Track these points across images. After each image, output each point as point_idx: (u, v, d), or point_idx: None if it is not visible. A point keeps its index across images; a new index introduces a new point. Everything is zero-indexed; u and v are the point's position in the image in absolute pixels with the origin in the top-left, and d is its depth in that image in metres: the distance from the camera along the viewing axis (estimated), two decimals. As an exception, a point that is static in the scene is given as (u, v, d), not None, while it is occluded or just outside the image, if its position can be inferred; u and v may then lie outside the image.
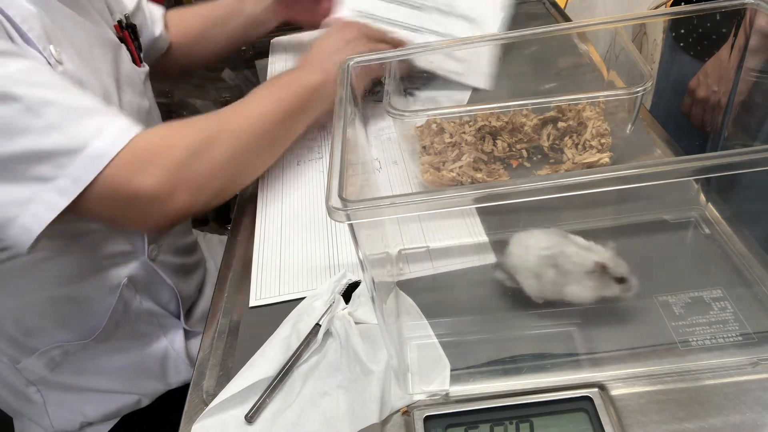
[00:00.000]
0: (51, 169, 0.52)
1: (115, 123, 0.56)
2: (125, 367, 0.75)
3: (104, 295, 0.70)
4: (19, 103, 0.51)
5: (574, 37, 0.80)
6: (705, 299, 0.51)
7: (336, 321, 0.52)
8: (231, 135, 0.63)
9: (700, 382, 0.45)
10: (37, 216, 0.53)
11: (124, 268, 0.71)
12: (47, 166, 0.52)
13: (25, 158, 0.52)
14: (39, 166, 0.52)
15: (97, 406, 0.74)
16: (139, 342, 0.75)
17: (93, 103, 0.56)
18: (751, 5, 0.52)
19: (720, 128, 0.62)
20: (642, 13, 0.71)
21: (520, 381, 0.47)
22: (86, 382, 0.73)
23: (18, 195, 0.52)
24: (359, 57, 0.54)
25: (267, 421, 0.47)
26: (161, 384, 0.78)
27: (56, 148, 0.52)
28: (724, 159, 0.34)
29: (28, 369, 0.70)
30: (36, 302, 0.67)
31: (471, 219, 0.63)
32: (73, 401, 0.74)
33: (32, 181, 0.52)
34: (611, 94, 0.62)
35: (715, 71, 0.86)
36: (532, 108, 0.68)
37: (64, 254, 0.65)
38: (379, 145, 0.76)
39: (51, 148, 0.52)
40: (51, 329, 0.69)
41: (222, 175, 0.63)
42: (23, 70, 0.52)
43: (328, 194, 0.36)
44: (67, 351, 0.71)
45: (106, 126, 0.55)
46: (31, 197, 0.52)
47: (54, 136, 0.52)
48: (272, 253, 0.63)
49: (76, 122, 0.53)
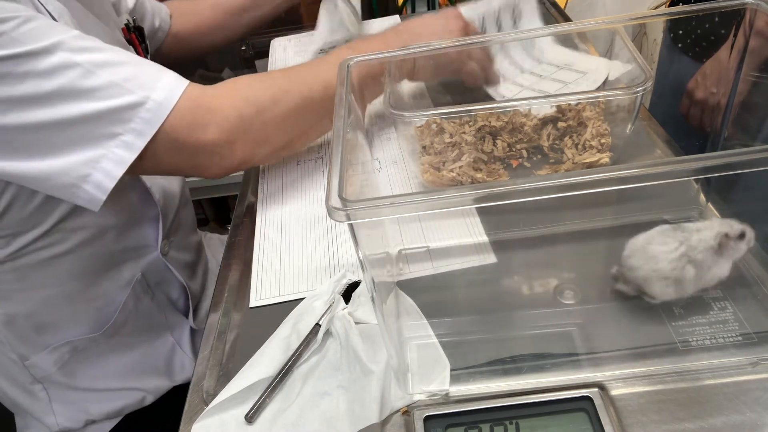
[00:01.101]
0: (115, 125, 0.54)
1: (166, 76, 0.58)
2: (131, 364, 0.75)
3: (118, 291, 0.70)
4: (79, 68, 0.53)
5: (574, 37, 0.80)
6: (705, 299, 0.51)
7: (336, 321, 0.52)
8: (296, 97, 0.64)
9: (700, 382, 0.45)
10: (107, 172, 0.55)
11: (139, 263, 0.72)
12: (111, 124, 0.54)
13: (90, 119, 0.53)
14: (104, 124, 0.54)
15: (102, 404, 0.74)
16: (146, 338, 0.75)
17: (139, 59, 0.58)
18: (751, 5, 0.52)
19: (720, 128, 0.62)
20: (642, 13, 0.71)
21: (520, 381, 0.47)
22: (93, 379, 0.74)
23: (88, 154, 0.54)
24: (359, 57, 0.54)
25: (267, 421, 0.47)
26: (166, 380, 0.78)
27: (118, 105, 0.54)
28: (724, 159, 0.34)
29: (36, 366, 0.71)
30: (50, 298, 0.67)
31: (471, 219, 0.63)
32: (78, 399, 0.74)
33: (99, 140, 0.54)
34: (611, 94, 0.62)
35: (714, 73, 0.86)
36: (532, 108, 0.68)
37: (83, 249, 0.66)
38: (379, 145, 0.76)
39: (113, 106, 0.54)
40: (63, 325, 0.69)
41: (281, 135, 0.65)
42: (74, 37, 0.54)
43: (328, 194, 0.36)
44: (76, 348, 0.71)
45: (159, 78, 0.57)
46: (101, 154, 0.55)
47: (114, 95, 0.54)
48: (272, 253, 0.63)
49: (132, 79, 0.55)
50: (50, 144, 0.54)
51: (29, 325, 0.68)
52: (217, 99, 0.60)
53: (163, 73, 0.58)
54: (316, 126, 0.70)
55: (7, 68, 0.51)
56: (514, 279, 0.59)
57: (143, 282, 0.72)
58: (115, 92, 0.54)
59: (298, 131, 0.68)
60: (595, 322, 0.51)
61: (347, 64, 0.53)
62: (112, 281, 0.70)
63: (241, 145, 0.61)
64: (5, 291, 0.66)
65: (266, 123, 0.63)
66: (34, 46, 0.51)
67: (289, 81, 0.66)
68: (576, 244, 0.60)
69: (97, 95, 0.53)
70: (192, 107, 0.58)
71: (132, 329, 0.73)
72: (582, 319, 0.51)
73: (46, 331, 0.69)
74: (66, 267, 0.66)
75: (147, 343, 0.76)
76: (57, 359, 0.71)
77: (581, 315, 0.52)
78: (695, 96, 0.88)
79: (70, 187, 0.55)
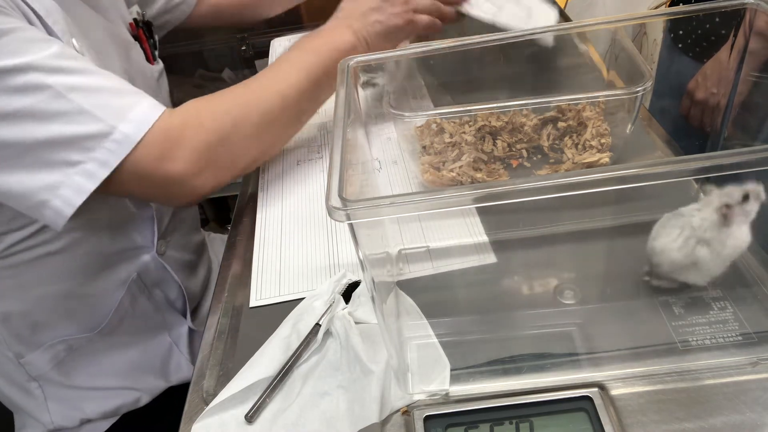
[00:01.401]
0: (79, 153, 0.53)
1: (139, 105, 0.56)
2: (127, 363, 0.75)
3: (113, 290, 0.70)
4: (49, 90, 0.52)
5: (574, 37, 0.80)
6: (705, 299, 0.51)
7: (336, 321, 0.52)
8: (259, 113, 0.63)
9: (700, 381, 0.45)
10: (66, 199, 0.54)
11: (134, 263, 0.71)
12: (75, 151, 0.53)
13: (54, 143, 0.53)
14: (67, 150, 0.53)
15: (97, 404, 0.74)
16: (142, 338, 0.75)
17: (118, 84, 0.57)
18: (751, 5, 0.52)
19: (720, 128, 0.62)
20: (642, 13, 0.71)
21: (520, 381, 0.47)
22: (88, 378, 0.74)
23: (48, 180, 0.54)
24: (359, 57, 0.54)
25: (267, 420, 0.47)
26: (162, 380, 0.78)
27: (83, 133, 0.53)
28: (724, 159, 0.34)
29: (31, 364, 0.71)
30: (45, 297, 0.67)
31: (471, 219, 0.63)
32: (73, 397, 0.74)
33: (61, 166, 0.53)
34: (611, 94, 0.62)
35: (714, 73, 0.86)
36: (532, 108, 0.68)
37: (76, 248, 0.66)
38: (379, 145, 0.76)
39: (79, 133, 0.53)
40: (58, 324, 0.69)
41: (248, 154, 0.64)
42: (52, 56, 0.53)
43: (328, 194, 0.36)
44: (71, 346, 0.71)
45: (131, 108, 0.56)
46: (61, 181, 0.54)
47: (81, 121, 0.53)
48: (272, 253, 0.63)
49: (102, 106, 0.54)
50: (11, 163, 0.53)
51: (24, 323, 0.68)
52: (183, 129, 0.59)
53: (138, 102, 0.57)
54: (283, 134, 0.70)
55: None
56: (514, 279, 0.59)
57: (139, 282, 0.72)
58: (82, 119, 0.53)
59: (266, 145, 0.67)
60: (595, 322, 0.51)
61: (347, 64, 0.53)
62: (107, 280, 0.69)
63: (211, 173, 0.61)
64: (3, 288, 0.66)
65: (232, 148, 0.62)
66: (6, 62, 0.50)
67: (262, 91, 0.65)
68: (576, 244, 0.60)
69: (63, 120, 0.52)
70: (159, 140, 0.56)
71: (128, 329, 0.73)
72: (582, 319, 0.51)
73: (41, 329, 0.69)
74: (60, 265, 0.66)
75: (143, 343, 0.76)
76: (52, 357, 0.70)
77: (581, 315, 0.52)
78: (696, 96, 0.88)
79: (33, 207, 0.55)
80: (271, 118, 0.64)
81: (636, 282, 0.54)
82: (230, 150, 0.62)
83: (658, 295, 0.51)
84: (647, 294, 0.52)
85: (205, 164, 0.59)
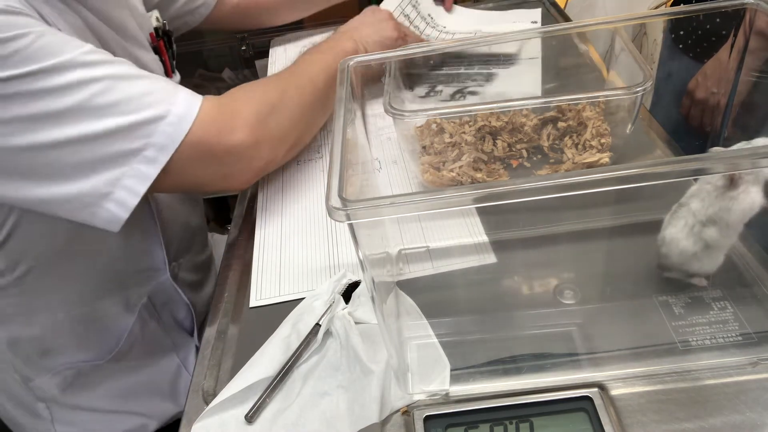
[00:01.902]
0: (137, 141, 0.53)
1: (182, 90, 0.57)
2: (135, 386, 0.74)
3: (123, 315, 0.69)
4: (97, 83, 0.51)
5: (574, 37, 0.80)
6: (705, 299, 0.51)
7: (336, 321, 0.52)
8: (297, 92, 0.66)
9: (700, 382, 0.45)
10: (130, 188, 0.54)
11: (145, 287, 0.71)
12: (133, 139, 0.53)
13: (111, 135, 0.52)
14: (125, 140, 0.53)
15: (105, 426, 0.73)
16: (151, 361, 0.74)
17: (153, 75, 0.57)
18: (751, 5, 0.52)
19: (720, 128, 0.62)
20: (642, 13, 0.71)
21: (520, 381, 0.47)
22: (96, 401, 0.72)
23: (110, 172, 0.53)
24: (359, 57, 0.54)
25: (267, 421, 0.47)
26: (170, 403, 0.77)
27: (139, 120, 0.53)
28: (724, 159, 0.34)
29: (39, 387, 0.70)
30: (56, 323, 0.66)
31: (471, 219, 0.63)
32: (81, 420, 0.73)
33: (121, 156, 0.53)
34: (611, 94, 0.62)
35: (715, 73, 0.86)
36: (532, 108, 0.68)
37: (86, 273, 0.65)
38: (379, 145, 0.76)
39: (134, 121, 0.53)
40: (67, 350, 0.68)
41: (295, 128, 0.67)
42: (89, 51, 0.52)
43: (328, 194, 0.36)
44: (80, 371, 0.70)
45: (176, 92, 0.56)
46: (123, 172, 0.53)
47: (134, 109, 0.53)
48: (272, 254, 0.63)
49: (151, 92, 0.54)
50: (69, 165, 0.52)
51: (34, 348, 0.67)
52: (235, 103, 0.61)
53: (179, 88, 0.58)
54: (320, 115, 0.73)
55: (23, 87, 0.48)
56: (514, 279, 0.59)
57: (149, 305, 0.71)
58: (134, 107, 0.53)
59: (305, 124, 0.70)
60: (595, 322, 0.51)
61: (347, 64, 0.53)
62: (116, 305, 0.69)
63: (266, 145, 0.62)
64: (10, 314, 0.65)
65: (280, 119, 0.64)
66: (50, 62, 0.49)
67: (295, 77, 0.68)
68: (576, 244, 0.60)
69: (117, 111, 0.52)
70: (213, 115, 0.57)
71: (137, 353, 0.73)
72: (582, 319, 0.51)
73: (50, 355, 0.68)
74: (71, 291, 0.65)
75: (152, 365, 0.75)
76: (60, 382, 0.69)
77: (581, 315, 0.52)
78: (696, 96, 0.88)
79: (89, 208, 0.54)
80: (308, 98, 0.68)
81: (636, 282, 0.54)
82: (279, 122, 0.64)
83: (659, 294, 0.51)
84: (647, 294, 0.52)
85: (261, 134, 0.61)
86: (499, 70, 0.83)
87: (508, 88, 0.82)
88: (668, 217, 0.50)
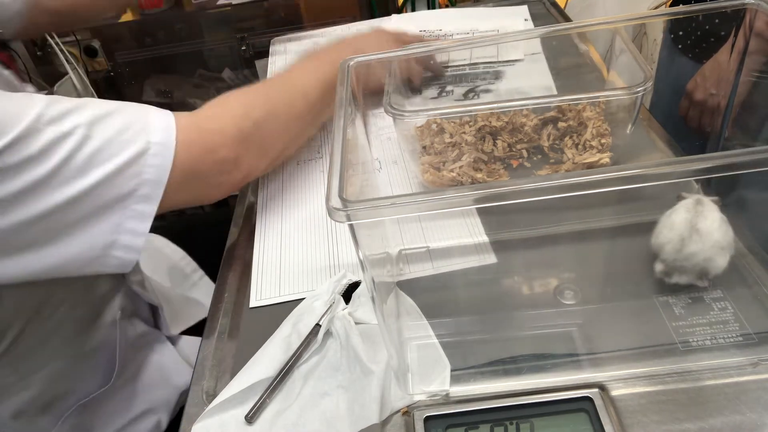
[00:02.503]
0: (129, 182, 0.51)
1: (149, 113, 0.55)
2: (134, 389, 0.73)
3: (109, 335, 0.69)
4: (72, 136, 0.49)
5: (574, 37, 0.80)
6: (705, 299, 0.51)
7: (336, 321, 0.52)
8: (286, 107, 0.66)
9: (701, 382, 0.45)
10: (133, 231, 0.53)
11: (116, 301, 0.70)
12: (125, 181, 0.51)
13: (104, 184, 0.50)
14: (118, 185, 0.51)
15: None
16: (141, 362, 0.74)
17: (114, 104, 0.55)
18: (751, 5, 0.52)
19: (720, 129, 0.62)
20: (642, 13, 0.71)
21: (520, 381, 0.47)
22: (107, 420, 0.71)
23: (109, 219, 0.51)
24: (360, 57, 0.54)
25: (267, 421, 0.47)
26: (169, 389, 0.76)
27: (124, 161, 0.51)
28: (724, 159, 0.34)
29: None
30: (52, 373, 0.64)
31: (471, 219, 0.63)
32: None
33: (117, 202, 0.51)
34: (611, 94, 0.62)
35: (714, 74, 0.86)
36: (532, 108, 0.68)
37: (72, 312, 0.64)
38: (379, 145, 0.76)
39: (120, 163, 0.51)
40: (69, 393, 0.67)
41: (278, 143, 0.67)
42: (49, 103, 0.50)
43: (329, 194, 0.36)
44: (86, 406, 0.68)
45: (146, 117, 0.54)
46: (122, 215, 0.52)
47: (117, 152, 0.51)
48: (272, 254, 0.63)
49: (124, 128, 0.52)
50: (68, 224, 0.50)
51: (36, 408, 0.65)
52: (214, 121, 0.59)
53: (146, 111, 0.55)
54: (310, 127, 0.73)
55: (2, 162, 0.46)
56: (515, 279, 0.59)
57: (123, 316, 0.71)
58: (116, 150, 0.51)
59: (292, 135, 0.69)
60: (595, 323, 0.51)
61: (347, 64, 0.53)
62: (103, 329, 0.68)
63: (246, 160, 0.61)
64: (7, 385, 0.62)
65: (264, 136, 0.63)
66: (19, 128, 0.46)
67: (287, 88, 0.68)
68: (576, 244, 0.60)
69: (100, 159, 0.50)
70: (193, 137, 0.56)
71: (131, 364, 0.72)
72: (582, 319, 0.51)
73: (53, 406, 0.66)
74: (61, 337, 0.63)
75: (143, 365, 0.74)
76: (69, 425, 0.67)
77: (581, 315, 0.52)
78: (694, 97, 0.88)
79: (98, 260, 0.52)
80: (297, 113, 0.67)
81: (636, 282, 0.54)
82: (263, 138, 0.63)
83: (659, 294, 0.51)
84: (647, 294, 0.52)
85: (241, 149, 0.60)
86: (504, 68, 0.83)
87: (520, 83, 0.82)
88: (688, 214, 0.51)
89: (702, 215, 0.50)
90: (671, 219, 0.51)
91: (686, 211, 0.50)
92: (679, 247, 0.50)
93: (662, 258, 0.51)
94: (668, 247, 0.50)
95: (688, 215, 0.50)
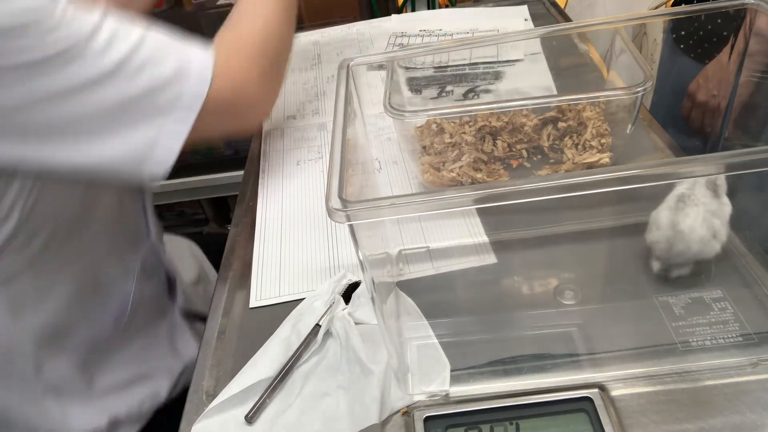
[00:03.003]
0: (168, 99, 0.54)
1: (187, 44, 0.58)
2: (140, 349, 0.74)
3: (124, 282, 0.71)
4: (126, 39, 0.52)
5: (574, 37, 0.80)
6: (705, 299, 0.51)
7: (336, 321, 0.52)
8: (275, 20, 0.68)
9: (700, 382, 0.45)
10: (168, 148, 0.55)
11: (138, 252, 0.72)
12: (164, 97, 0.54)
13: (144, 95, 0.53)
14: (157, 99, 0.54)
15: (122, 401, 0.73)
16: (150, 324, 0.76)
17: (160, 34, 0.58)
18: (752, 5, 0.52)
19: (720, 129, 0.62)
20: (642, 13, 0.71)
21: (520, 381, 0.47)
22: (110, 373, 0.72)
23: (150, 128, 0.54)
24: (360, 57, 0.54)
25: (267, 421, 0.47)
26: (174, 359, 0.77)
27: (167, 76, 0.54)
28: (724, 159, 0.34)
29: (53, 372, 0.69)
30: (66, 300, 0.66)
31: (471, 219, 0.63)
32: (96, 398, 0.72)
33: (157, 111, 0.54)
34: (611, 94, 0.62)
35: (715, 75, 0.86)
36: (532, 108, 0.68)
37: (92, 243, 0.66)
38: (379, 145, 0.76)
39: (164, 77, 0.54)
40: (79, 327, 0.68)
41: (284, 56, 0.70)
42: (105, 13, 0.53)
43: (328, 195, 0.36)
44: (93, 347, 0.70)
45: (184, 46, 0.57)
46: (160, 129, 0.55)
47: (164, 62, 0.54)
48: (272, 254, 0.63)
49: (167, 47, 0.55)
50: (114, 121, 0.53)
51: (47, 333, 0.67)
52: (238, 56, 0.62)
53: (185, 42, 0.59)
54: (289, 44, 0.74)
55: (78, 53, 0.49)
56: (515, 279, 0.59)
57: (142, 270, 0.73)
58: (164, 59, 0.54)
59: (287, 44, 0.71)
60: (595, 323, 0.51)
61: (347, 64, 0.53)
62: (119, 274, 0.70)
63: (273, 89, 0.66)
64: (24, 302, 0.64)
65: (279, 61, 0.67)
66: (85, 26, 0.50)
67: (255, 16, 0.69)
68: (576, 244, 0.60)
69: (144, 71, 0.53)
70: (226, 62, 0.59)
71: (139, 319, 0.74)
72: (582, 319, 0.51)
73: (63, 336, 0.68)
74: (79, 264, 0.66)
75: (151, 327, 0.76)
76: (75, 362, 0.69)
77: (581, 315, 0.52)
78: (696, 98, 0.88)
79: (133, 165, 0.55)
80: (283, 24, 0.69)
81: (636, 282, 0.54)
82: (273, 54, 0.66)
83: (659, 295, 0.51)
84: (647, 294, 0.52)
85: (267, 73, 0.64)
86: (504, 68, 0.83)
87: (520, 83, 0.82)
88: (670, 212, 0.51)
89: (683, 213, 0.50)
90: (657, 217, 0.51)
91: (668, 210, 0.50)
92: (667, 247, 0.50)
93: (657, 256, 0.51)
94: (658, 247, 0.51)
95: (670, 214, 0.50)
